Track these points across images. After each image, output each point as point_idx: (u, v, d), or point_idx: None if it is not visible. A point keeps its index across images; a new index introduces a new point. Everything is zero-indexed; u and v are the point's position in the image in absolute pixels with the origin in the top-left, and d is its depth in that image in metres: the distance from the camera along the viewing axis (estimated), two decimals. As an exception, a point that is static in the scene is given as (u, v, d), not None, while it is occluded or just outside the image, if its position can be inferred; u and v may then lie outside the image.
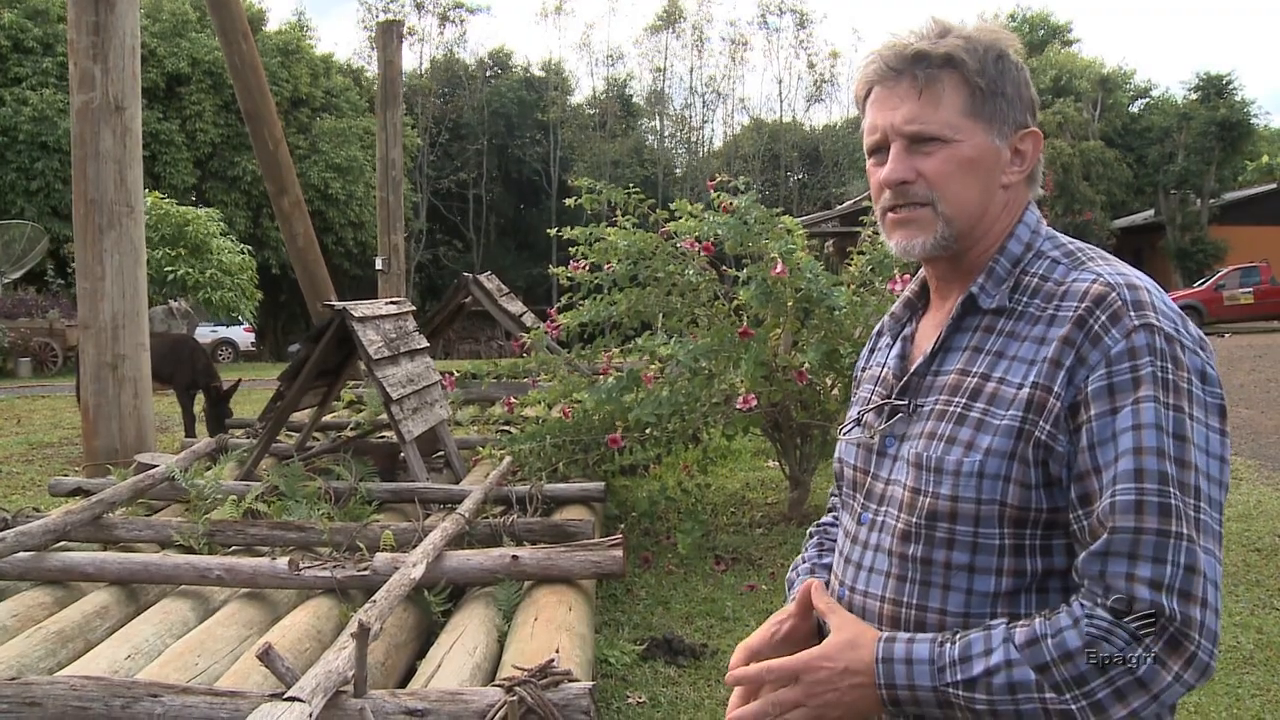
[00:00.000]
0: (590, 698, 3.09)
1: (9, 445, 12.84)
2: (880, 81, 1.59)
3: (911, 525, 1.54)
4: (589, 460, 6.80)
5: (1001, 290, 1.55)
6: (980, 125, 1.54)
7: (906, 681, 1.42)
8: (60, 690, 3.24)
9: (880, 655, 1.44)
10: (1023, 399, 1.44)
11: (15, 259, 27.28)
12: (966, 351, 1.56)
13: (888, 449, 1.62)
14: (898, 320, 1.77)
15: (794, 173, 54.69)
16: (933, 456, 1.51)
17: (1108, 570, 1.36)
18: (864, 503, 1.67)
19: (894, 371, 1.69)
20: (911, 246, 1.59)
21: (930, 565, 1.52)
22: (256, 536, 5.39)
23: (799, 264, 6.67)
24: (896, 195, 1.58)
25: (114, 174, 8.39)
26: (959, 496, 1.48)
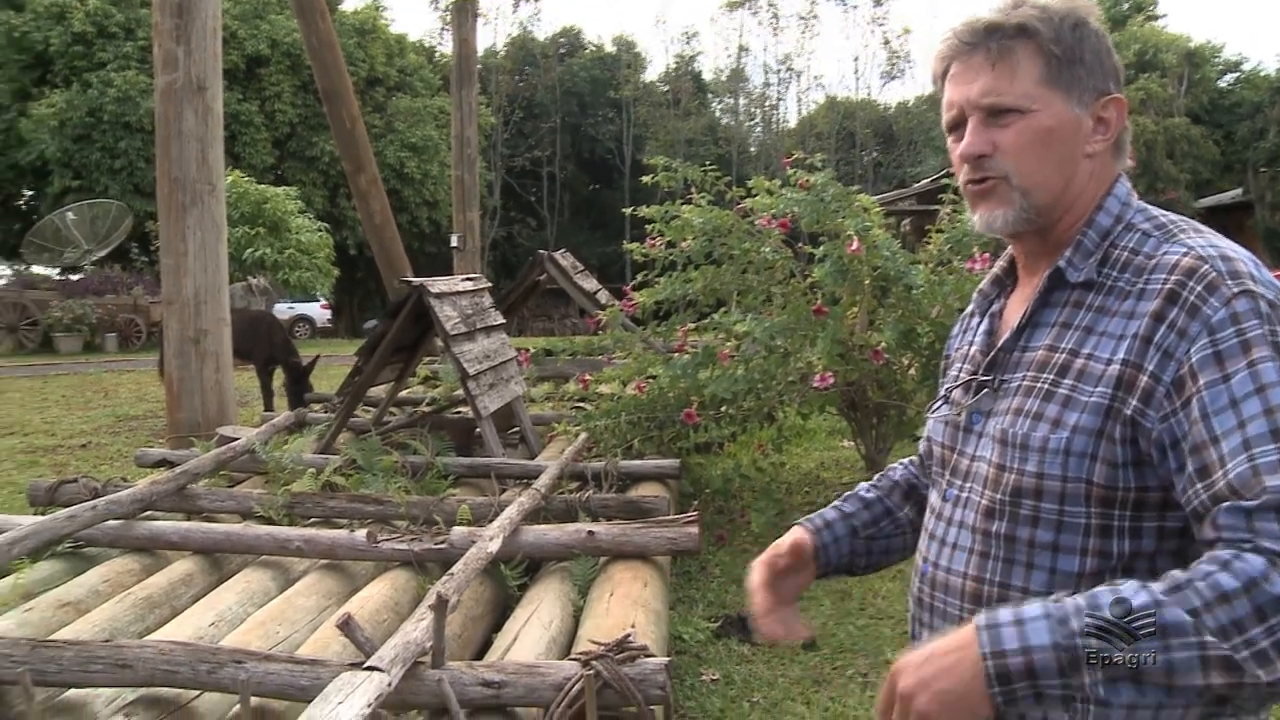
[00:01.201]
0: (666, 673, 3.09)
1: (97, 418, 13.15)
2: (955, 57, 1.58)
3: (996, 502, 1.52)
4: (664, 437, 6.80)
5: (1089, 264, 1.52)
6: (1058, 94, 1.51)
7: (1019, 644, 1.27)
8: (150, 654, 3.30)
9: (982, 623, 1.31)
10: (1112, 375, 1.42)
11: (101, 237, 27.82)
12: (1054, 327, 1.53)
13: (974, 425, 1.61)
14: (986, 297, 1.75)
15: (868, 151, 54.16)
16: (1018, 433, 1.49)
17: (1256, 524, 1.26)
18: (950, 479, 1.65)
19: (981, 348, 1.67)
20: (993, 220, 1.57)
21: (1014, 542, 1.50)
22: (335, 509, 5.47)
23: (875, 242, 6.59)
24: (974, 169, 1.56)
25: (196, 153, 8.52)
26: (1044, 473, 1.45)
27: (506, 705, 3.14)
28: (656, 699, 3.09)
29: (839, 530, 1.89)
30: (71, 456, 10.38)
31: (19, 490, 8.38)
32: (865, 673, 4.64)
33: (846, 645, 4.98)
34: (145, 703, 3.34)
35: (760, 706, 4.35)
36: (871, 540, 1.90)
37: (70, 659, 3.35)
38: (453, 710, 3.05)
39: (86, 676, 3.34)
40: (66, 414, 13.71)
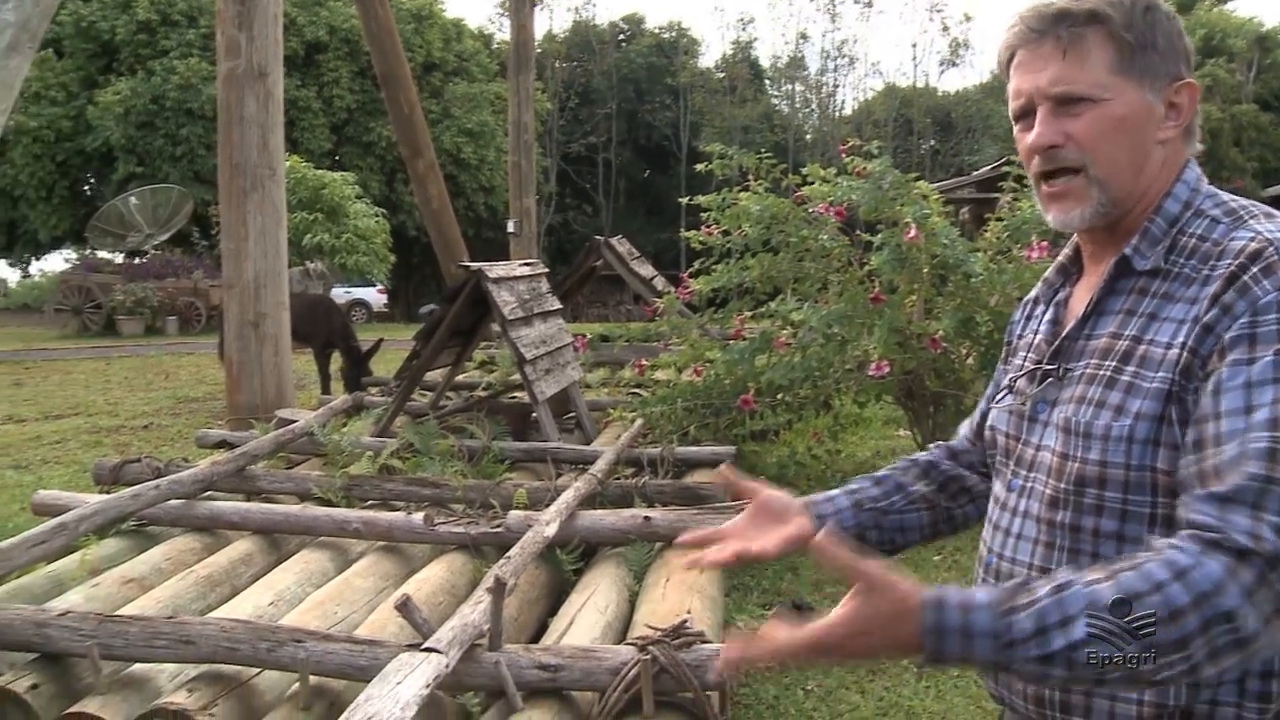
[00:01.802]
0: (723, 659, 3.09)
1: (158, 399, 13.34)
2: (1023, 44, 1.54)
3: (1060, 491, 1.50)
4: (720, 424, 6.79)
5: (1156, 251, 1.49)
6: (1131, 81, 1.47)
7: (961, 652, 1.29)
8: (212, 631, 3.36)
9: (928, 625, 1.29)
10: (1171, 360, 1.39)
11: (163, 222, 28.19)
12: (1119, 315, 1.50)
13: (1039, 415, 1.58)
14: (1051, 285, 1.71)
15: (926, 139, 53.63)
16: (1081, 421, 1.46)
17: (1228, 515, 1.26)
18: (1014, 469, 1.63)
19: (1046, 337, 1.64)
20: (1070, 219, 1.54)
21: (1078, 532, 1.48)
22: (392, 491, 5.51)
23: (934, 229, 6.53)
24: (1046, 160, 1.52)
25: (257, 138, 8.61)
26: (1108, 462, 1.43)
27: (563, 688, 3.15)
28: (713, 685, 3.09)
29: (840, 502, 1.81)
30: (134, 437, 10.54)
31: (84, 469, 8.53)
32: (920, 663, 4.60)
33: (902, 635, 4.94)
34: (207, 679, 3.39)
35: (815, 695, 4.34)
36: (881, 514, 1.82)
37: (136, 634, 3.41)
38: (509, 693, 3.07)
39: (151, 652, 3.40)
40: (129, 395, 13.91)
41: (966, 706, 4.16)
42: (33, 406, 12.91)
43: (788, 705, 4.23)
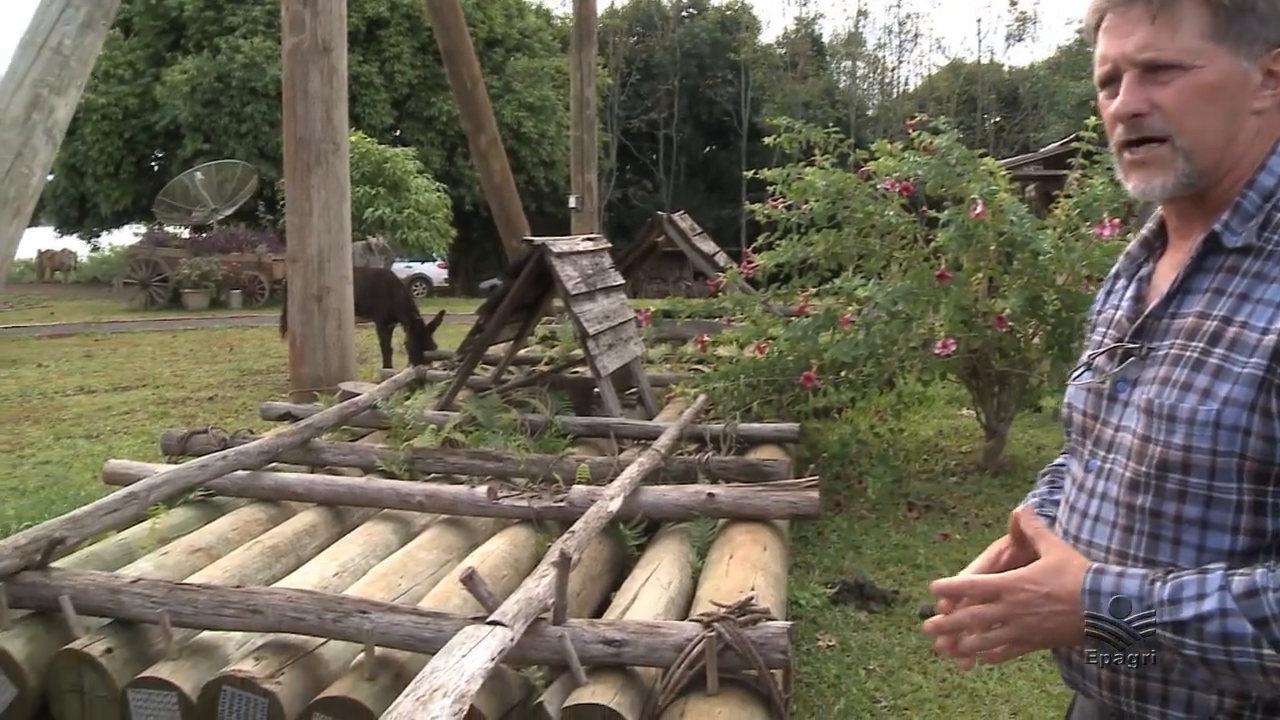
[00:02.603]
0: (788, 638, 3.07)
1: (223, 372, 13.53)
2: (1112, 7, 1.47)
3: (1140, 475, 1.45)
4: (783, 401, 6.74)
5: (1249, 228, 1.41)
6: (1225, 48, 1.40)
7: (1113, 617, 1.36)
8: (279, 601, 3.38)
9: (1088, 586, 1.37)
10: (1267, 346, 1.32)
11: (228, 197, 28.55)
12: (1207, 294, 1.43)
13: (1119, 394, 1.52)
14: (1134, 260, 1.64)
15: (990, 115, 52.88)
16: (1165, 404, 1.41)
17: None
18: (1092, 449, 1.57)
19: (1128, 314, 1.57)
20: (1151, 188, 1.47)
21: (1160, 518, 1.43)
22: (455, 465, 5.53)
23: (1002, 206, 6.42)
24: (1130, 129, 1.46)
25: (321, 113, 8.64)
26: (1192, 447, 1.37)
27: (626, 664, 3.14)
28: (778, 663, 3.07)
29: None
30: (199, 408, 10.69)
31: (152, 440, 8.67)
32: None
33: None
34: (274, 647, 3.42)
35: (876, 674, 4.30)
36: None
37: (205, 603, 3.45)
38: (573, 667, 3.07)
39: (219, 620, 3.44)
40: (194, 367, 14.12)
41: (1030, 690, 4.11)
42: (102, 378, 13.14)
43: (849, 684, 4.21)
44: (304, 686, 3.30)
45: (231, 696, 3.20)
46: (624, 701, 2.97)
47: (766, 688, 3.04)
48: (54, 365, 14.48)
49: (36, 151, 4.83)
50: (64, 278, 39.20)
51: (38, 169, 4.86)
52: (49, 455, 8.51)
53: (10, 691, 3.43)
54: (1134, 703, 1.46)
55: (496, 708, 3.10)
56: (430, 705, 2.32)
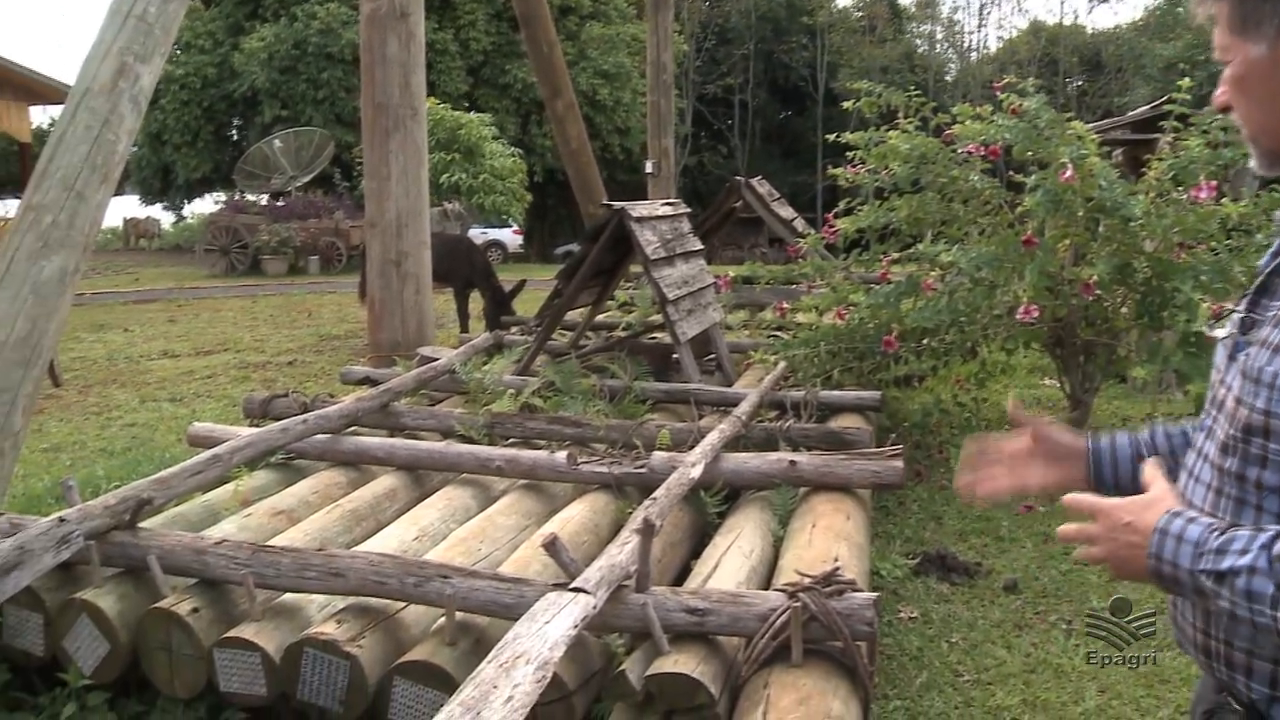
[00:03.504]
0: (875, 609, 3.01)
1: (302, 337, 13.68)
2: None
3: (1230, 437, 1.43)
4: (863, 368, 6.64)
5: None
6: (1244, 38, 1.43)
7: (1171, 558, 1.37)
8: (360, 564, 3.39)
9: (1160, 524, 1.39)
10: None
11: (305, 164, 28.81)
12: None
13: (1236, 353, 1.49)
14: None
15: (1073, 79, 51.78)
16: (1255, 365, 1.39)
17: None
18: (1208, 408, 1.56)
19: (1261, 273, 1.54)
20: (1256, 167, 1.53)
21: (1244, 482, 1.41)
22: (534, 430, 5.52)
23: (1092, 170, 6.24)
24: None
25: (399, 78, 8.66)
26: (1271, 411, 1.34)
27: (709, 633, 3.10)
28: (864, 635, 3.01)
29: (1122, 448, 1.84)
30: (279, 373, 10.82)
31: (233, 403, 8.78)
32: (1069, 620, 4.46)
33: (1050, 590, 4.80)
34: (355, 611, 3.43)
35: (959, 647, 4.24)
36: None
37: (287, 565, 3.46)
38: (655, 635, 3.04)
39: (302, 582, 3.46)
40: (274, 332, 14.30)
41: (1117, 666, 4.01)
42: (185, 342, 13.36)
43: (932, 657, 4.15)
44: (385, 650, 3.30)
45: (314, 659, 3.22)
46: (707, 671, 2.93)
47: (852, 660, 2.99)
48: (139, 330, 14.75)
49: (123, 118, 4.86)
50: (148, 245, 39.91)
51: (124, 136, 4.89)
52: (135, 418, 8.66)
53: (104, 647, 3.49)
54: (1224, 670, 1.47)
55: (578, 675, 3.08)
56: (513, 672, 2.30)
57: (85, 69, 4.87)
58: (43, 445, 7.65)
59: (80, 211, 4.64)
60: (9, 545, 3.26)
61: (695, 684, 2.87)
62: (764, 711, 2.76)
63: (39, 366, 4.51)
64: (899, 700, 3.81)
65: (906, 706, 3.77)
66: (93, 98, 4.76)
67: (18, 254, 4.49)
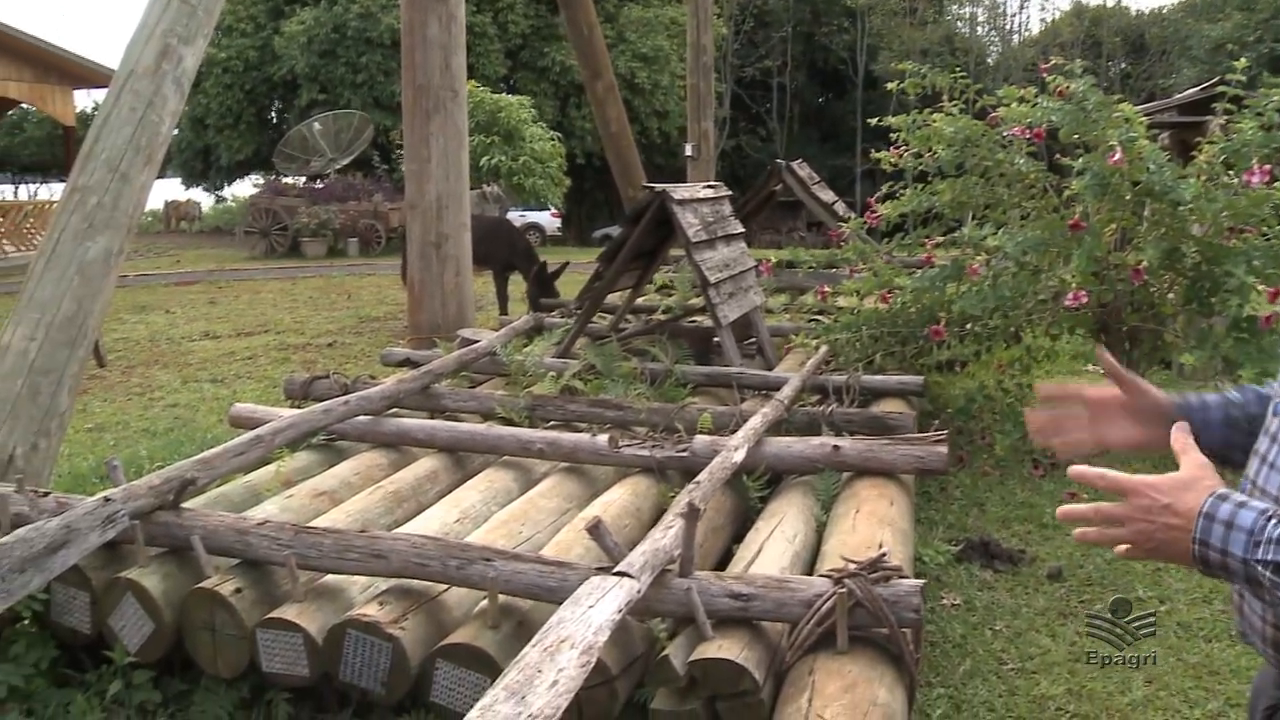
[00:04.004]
0: (921, 596, 2.98)
1: (341, 319, 13.73)
2: None
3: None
4: (906, 353, 6.58)
5: None
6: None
7: (1220, 545, 1.32)
8: (403, 546, 3.39)
9: (1205, 508, 1.33)
10: None
11: (344, 146, 28.88)
12: None
13: None
14: None
15: (1117, 61, 51.13)
16: None
17: None
18: None
19: None
20: None
21: None
22: (575, 413, 5.50)
23: (1141, 153, 6.14)
24: None
25: (440, 60, 8.65)
26: None
27: (753, 618, 3.08)
28: (910, 622, 2.98)
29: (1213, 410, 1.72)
30: (319, 354, 10.86)
31: (274, 384, 8.83)
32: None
33: (1095, 579, 4.75)
34: (397, 592, 3.43)
35: (1003, 635, 4.20)
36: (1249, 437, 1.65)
37: (329, 546, 3.47)
38: (699, 620, 3.02)
39: (343, 563, 3.46)
40: (313, 314, 14.36)
41: (1165, 658, 3.97)
42: (226, 324, 13.44)
43: (975, 645, 4.11)
44: (427, 633, 3.31)
45: (356, 640, 3.22)
46: (751, 657, 2.91)
47: (898, 647, 2.96)
48: (181, 311, 14.85)
49: (166, 100, 4.88)
50: (188, 227, 40.13)
51: (167, 117, 4.91)
52: (177, 398, 8.73)
53: (148, 626, 3.51)
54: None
55: (620, 659, 3.07)
56: (558, 656, 2.28)
57: (129, 51, 4.89)
58: (87, 425, 7.72)
59: (124, 193, 4.66)
60: (56, 524, 3.28)
61: (739, 670, 2.85)
62: (809, 698, 2.74)
63: (84, 347, 4.54)
64: (942, 688, 3.78)
65: (950, 694, 3.74)
66: (137, 80, 4.78)
67: (63, 235, 4.52)
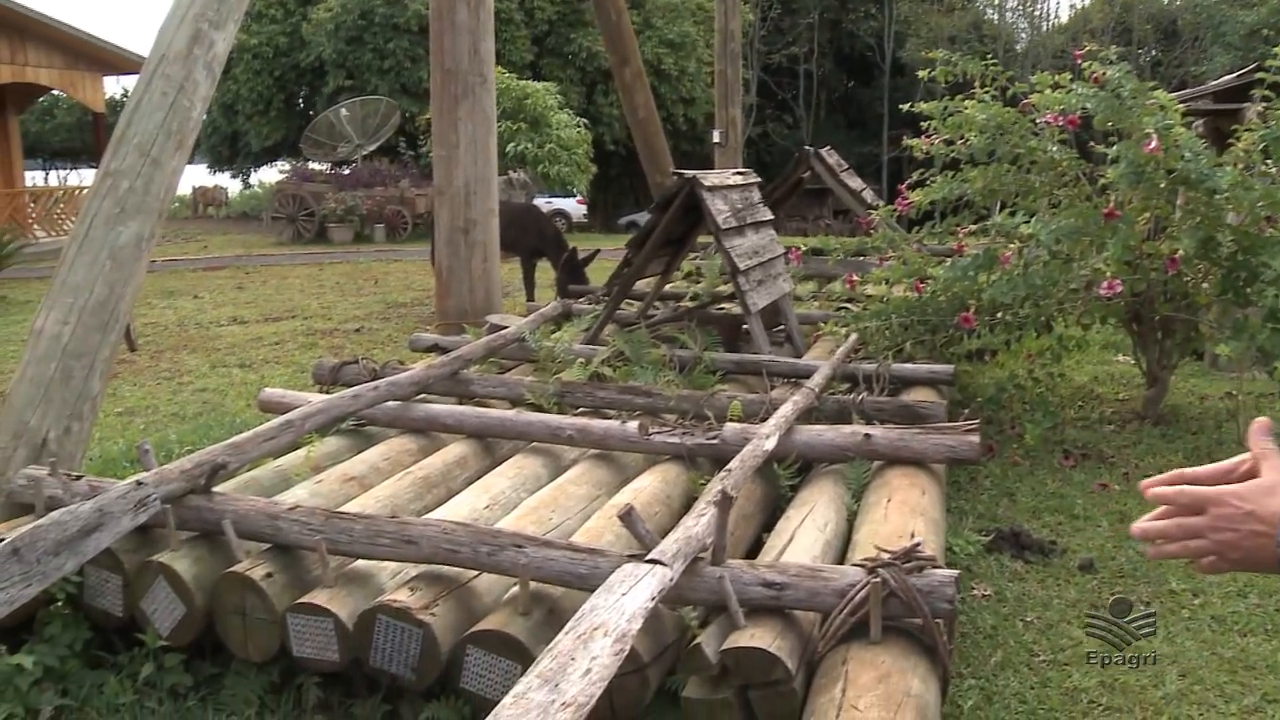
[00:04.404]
0: (955, 587, 2.95)
1: (368, 304, 13.76)
2: None
3: None
4: (936, 341, 6.54)
5: None
6: None
7: None
8: (433, 532, 3.38)
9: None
10: None
11: (371, 132, 28.91)
12: None
13: None
14: None
15: (1147, 49, 50.63)
16: None
17: None
18: None
19: None
20: None
21: None
22: (604, 399, 5.49)
23: (1177, 141, 6.07)
24: None
25: (468, 45, 8.62)
26: None
27: (786, 607, 3.06)
28: (944, 613, 2.96)
29: None
30: (346, 340, 10.89)
31: (301, 369, 8.85)
32: (1148, 601, 4.36)
33: (1126, 571, 4.70)
34: (427, 578, 3.43)
35: (1034, 627, 4.16)
36: None
37: (360, 532, 3.47)
38: (732, 609, 3.00)
39: (374, 549, 3.46)
40: (340, 300, 14.39)
41: (1200, 651, 3.92)
42: (253, 309, 13.49)
43: (1006, 636, 4.08)
44: (457, 619, 3.30)
45: (386, 625, 3.22)
46: (784, 646, 2.90)
47: (931, 638, 2.94)
48: (209, 296, 14.91)
49: (197, 85, 4.88)
50: (216, 213, 40.32)
51: (198, 102, 4.91)
52: (206, 383, 8.76)
53: (180, 609, 3.52)
54: None
55: (652, 647, 3.06)
56: (591, 644, 2.27)
57: (161, 36, 4.89)
58: (117, 409, 7.76)
59: (156, 178, 4.67)
60: (90, 507, 3.29)
61: (772, 659, 2.83)
62: (842, 688, 2.72)
63: (116, 331, 4.55)
64: (973, 679, 3.75)
65: (981, 686, 3.71)
66: (168, 64, 4.77)
67: (95, 219, 4.52)
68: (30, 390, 4.30)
